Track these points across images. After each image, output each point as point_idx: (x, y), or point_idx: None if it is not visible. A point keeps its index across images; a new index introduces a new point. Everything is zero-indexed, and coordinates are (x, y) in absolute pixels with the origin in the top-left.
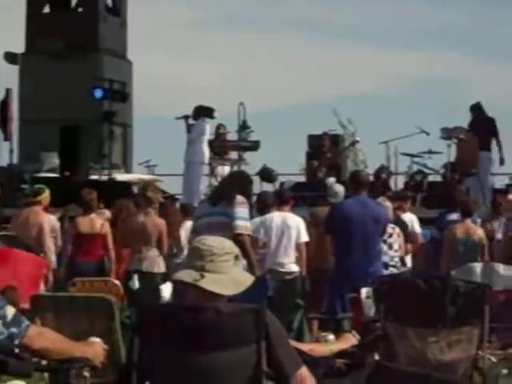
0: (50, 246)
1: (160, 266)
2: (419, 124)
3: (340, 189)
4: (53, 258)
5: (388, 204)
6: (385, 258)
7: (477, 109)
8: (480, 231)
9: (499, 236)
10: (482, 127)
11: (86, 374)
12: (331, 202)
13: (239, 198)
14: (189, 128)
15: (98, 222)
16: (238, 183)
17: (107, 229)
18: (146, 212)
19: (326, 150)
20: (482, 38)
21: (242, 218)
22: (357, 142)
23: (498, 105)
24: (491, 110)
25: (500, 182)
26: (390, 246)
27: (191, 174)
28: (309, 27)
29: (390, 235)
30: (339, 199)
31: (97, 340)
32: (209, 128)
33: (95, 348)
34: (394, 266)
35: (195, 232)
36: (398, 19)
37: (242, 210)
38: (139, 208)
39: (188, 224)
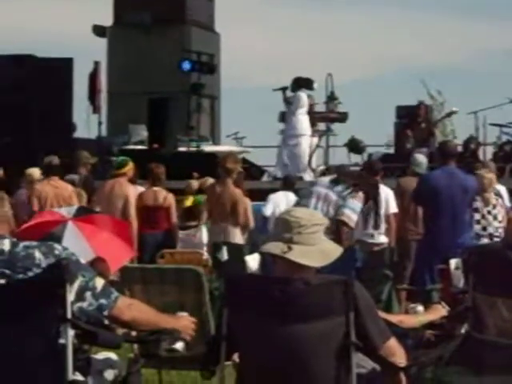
0: (135, 216)
1: (236, 237)
2: (509, 94)
3: (423, 159)
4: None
5: (491, 176)
6: (489, 229)
7: None
8: None
9: None
10: None
11: (178, 346)
12: (416, 172)
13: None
14: (287, 100)
15: (161, 194)
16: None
17: (171, 201)
18: (223, 183)
19: (421, 120)
20: None
21: (353, 209)
22: (454, 112)
23: None
24: None
25: None
26: (495, 217)
27: (294, 146)
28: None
29: (494, 206)
30: (422, 169)
31: (184, 314)
32: (306, 99)
33: (184, 321)
34: (498, 237)
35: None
36: None
37: (357, 203)
38: (219, 179)
39: (290, 196)
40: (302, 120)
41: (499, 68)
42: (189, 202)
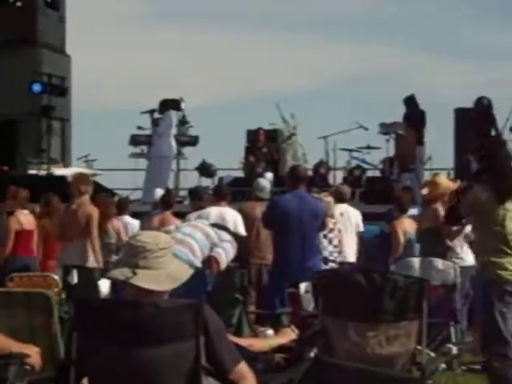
0: None
1: (91, 260)
2: (358, 119)
3: (266, 183)
4: None
5: (329, 199)
6: (324, 253)
7: (410, 101)
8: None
9: None
10: (416, 120)
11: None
12: (259, 197)
13: None
14: (155, 121)
15: (30, 218)
16: None
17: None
18: (76, 203)
19: (261, 145)
20: (418, 31)
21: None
22: (294, 134)
23: (435, 98)
24: (429, 103)
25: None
26: (330, 241)
27: (160, 168)
28: (249, 21)
29: (331, 230)
30: (265, 194)
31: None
32: (175, 120)
33: (32, 348)
34: (333, 261)
35: None
36: (337, 12)
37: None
38: (70, 199)
39: (126, 219)
40: (170, 141)
41: (347, 91)
42: None
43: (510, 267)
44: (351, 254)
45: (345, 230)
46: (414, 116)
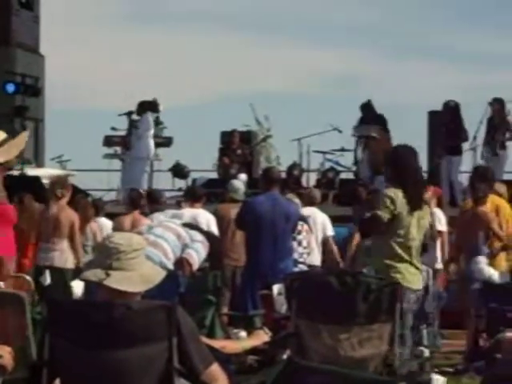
0: None
1: (70, 261)
2: (332, 122)
3: (240, 185)
4: None
5: (297, 201)
6: (294, 255)
7: (366, 107)
8: None
9: None
10: (374, 122)
11: None
12: (233, 198)
13: None
14: (132, 123)
15: None
16: None
17: None
18: (55, 206)
19: (235, 147)
20: (394, 35)
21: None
22: (269, 136)
23: (409, 101)
24: (404, 106)
25: None
26: (300, 243)
27: (137, 169)
28: (220, 21)
29: (299, 232)
30: (239, 195)
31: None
32: (152, 122)
33: (3, 348)
34: (302, 263)
35: None
36: (312, 15)
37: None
38: (48, 202)
39: (102, 220)
40: (149, 142)
41: (321, 94)
42: None
43: (405, 272)
44: (317, 258)
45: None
46: (371, 119)
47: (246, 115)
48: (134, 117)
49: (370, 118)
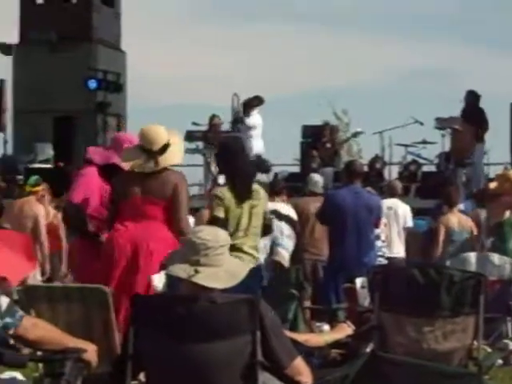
0: (46, 237)
1: None
2: (413, 114)
3: (318, 178)
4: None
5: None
6: None
7: (472, 96)
8: (470, 221)
9: None
10: (474, 116)
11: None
12: (312, 191)
13: None
14: (239, 122)
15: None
16: None
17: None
18: None
19: (326, 141)
20: (477, 29)
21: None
22: (360, 133)
23: (492, 93)
24: (486, 97)
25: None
26: (377, 237)
27: None
28: (303, 17)
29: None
30: (318, 188)
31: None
32: (258, 118)
33: (89, 344)
34: (381, 256)
35: None
36: (392, 9)
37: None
38: None
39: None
40: (256, 142)
41: (404, 88)
42: None
43: None
44: (399, 249)
45: (392, 225)
46: (473, 112)
47: (325, 109)
48: (241, 116)
49: (473, 110)
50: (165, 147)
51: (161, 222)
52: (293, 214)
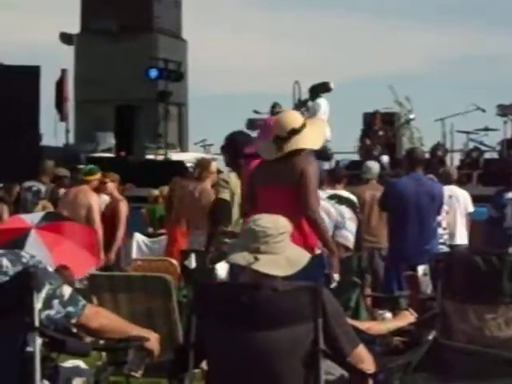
0: (100, 224)
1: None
2: (475, 101)
3: (373, 165)
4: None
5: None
6: None
7: None
8: None
9: None
10: None
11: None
12: (367, 179)
13: None
14: (305, 108)
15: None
16: None
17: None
18: (200, 186)
19: (377, 129)
20: None
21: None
22: (412, 119)
23: None
24: None
25: None
26: (439, 224)
27: None
28: (363, 8)
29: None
30: (373, 175)
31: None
32: (323, 104)
33: (151, 333)
34: (443, 244)
35: None
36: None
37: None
38: (194, 183)
39: None
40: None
41: (465, 73)
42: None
43: None
44: (462, 236)
45: (454, 212)
46: None
47: (387, 97)
48: (310, 103)
49: None
50: (293, 132)
51: (289, 211)
52: (353, 198)
